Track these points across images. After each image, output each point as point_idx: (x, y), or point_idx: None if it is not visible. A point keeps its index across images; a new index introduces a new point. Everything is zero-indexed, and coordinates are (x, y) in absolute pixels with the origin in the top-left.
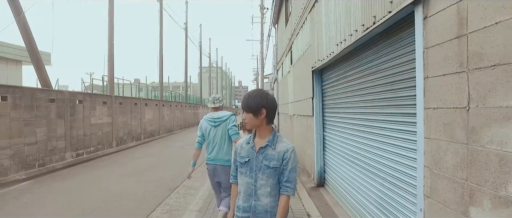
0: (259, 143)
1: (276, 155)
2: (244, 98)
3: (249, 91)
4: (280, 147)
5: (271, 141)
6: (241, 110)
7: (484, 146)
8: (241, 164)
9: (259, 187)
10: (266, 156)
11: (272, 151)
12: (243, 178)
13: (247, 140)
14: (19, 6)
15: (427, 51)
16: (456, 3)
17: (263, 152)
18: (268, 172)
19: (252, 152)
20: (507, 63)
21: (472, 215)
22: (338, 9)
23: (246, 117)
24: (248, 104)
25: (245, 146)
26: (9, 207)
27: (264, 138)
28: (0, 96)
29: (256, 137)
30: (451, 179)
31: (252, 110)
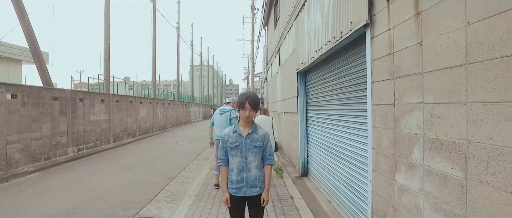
0: (244, 131)
1: (259, 138)
2: (250, 99)
3: (248, 93)
4: (260, 132)
5: (255, 128)
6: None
7: (402, 130)
8: (231, 148)
9: (249, 162)
10: (253, 139)
11: (256, 135)
12: (234, 158)
13: (232, 130)
14: (23, 9)
15: (373, 62)
16: (387, 30)
17: (250, 137)
18: (256, 151)
19: (240, 138)
20: (411, 74)
21: (396, 178)
22: (317, 21)
23: (250, 113)
24: (256, 104)
25: (232, 135)
26: (28, 194)
27: (248, 127)
28: (11, 95)
29: (240, 127)
30: (386, 155)
31: (257, 107)
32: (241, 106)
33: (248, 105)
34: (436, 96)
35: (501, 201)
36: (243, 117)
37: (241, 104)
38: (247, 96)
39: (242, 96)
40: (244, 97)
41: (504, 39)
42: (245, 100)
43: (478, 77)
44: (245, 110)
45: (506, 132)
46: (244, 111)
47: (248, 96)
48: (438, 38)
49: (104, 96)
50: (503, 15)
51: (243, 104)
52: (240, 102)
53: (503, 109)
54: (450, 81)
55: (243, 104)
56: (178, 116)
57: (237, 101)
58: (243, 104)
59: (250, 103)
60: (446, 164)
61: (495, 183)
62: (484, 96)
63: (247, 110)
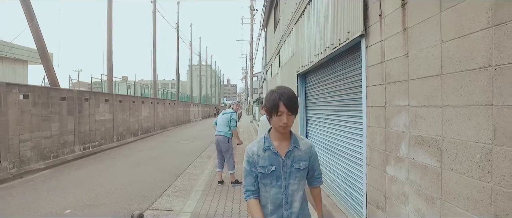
0: (281, 147)
1: (303, 155)
2: (285, 98)
3: (281, 89)
4: (303, 144)
5: (296, 142)
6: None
7: (392, 128)
8: (264, 175)
9: (291, 193)
10: (295, 159)
11: (298, 152)
12: (268, 189)
13: (263, 146)
14: (32, 11)
15: (367, 69)
16: (379, 41)
17: (291, 155)
18: (300, 175)
19: (276, 158)
20: (399, 81)
21: (387, 170)
22: (316, 28)
23: (289, 120)
24: (295, 104)
25: (263, 154)
26: (44, 189)
27: (285, 140)
28: (23, 95)
29: (274, 140)
30: (379, 151)
31: (296, 109)
32: (273, 110)
33: (283, 107)
34: (419, 100)
35: (464, 184)
36: (278, 127)
37: (273, 107)
38: (280, 95)
39: (273, 94)
40: (276, 96)
41: (467, 56)
42: (277, 100)
43: (450, 86)
44: (279, 115)
45: (468, 130)
46: (278, 117)
47: (281, 95)
48: (420, 51)
49: (108, 97)
50: (466, 37)
51: (275, 107)
52: (272, 104)
53: (467, 111)
54: (429, 88)
55: (276, 107)
56: (178, 116)
57: (265, 103)
58: (276, 106)
59: (287, 104)
60: (426, 157)
61: (461, 170)
62: (454, 101)
63: (284, 114)
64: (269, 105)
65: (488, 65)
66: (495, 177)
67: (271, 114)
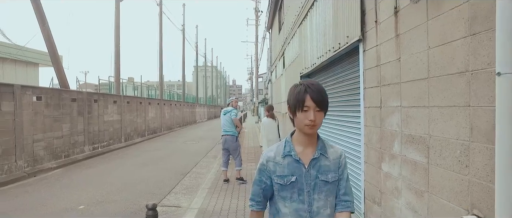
0: (305, 154)
1: (331, 165)
2: (313, 90)
3: (308, 81)
4: (332, 153)
5: (323, 148)
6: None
7: (386, 128)
8: (282, 186)
9: (316, 211)
10: (321, 169)
11: (325, 160)
12: (288, 204)
13: (282, 152)
14: (44, 16)
15: (365, 72)
16: (375, 46)
17: (316, 164)
18: (327, 189)
19: (298, 167)
20: (393, 83)
21: (382, 167)
22: (318, 31)
23: (317, 117)
24: (324, 99)
25: (281, 161)
26: (58, 187)
27: (311, 145)
28: (36, 97)
29: (296, 145)
30: (375, 149)
31: (326, 108)
32: (298, 105)
33: (310, 101)
34: (409, 101)
35: (447, 177)
36: (303, 126)
37: (297, 101)
38: (307, 86)
39: (297, 87)
40: (302, 88)
41: (449, 62)
42: (303, 92)
43: (435, 88)
44: (305, 111)
45: (450, 128)
46: (304, 114)
47: (308, 86)
48: (410, 56)
49: (116, 98)
50: (448, 45)
51: (300, 101)
52: (296, 98)
53: (449, 111)
54: (418, 90)
55: (301, 101)
56: (184, 116)
57: (288, 98)
58: (301, 100)
59: (315, 98)
60: (416, 153)
61: (445, 165)
62: (439, 102)
63: (310, 110)
64: (293, 99)
65: (466, 70)
66: (471, 170)
67: (295, 110)
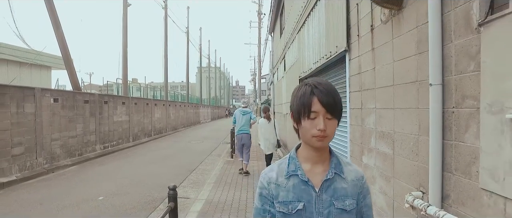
0: (315, 173)
1: (348, 188)
2: (321, 90)
3: (314, 80)
4: (349, 173)
5: (338, 166)
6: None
7: (365, 126)
8: (285, 215)
9: None
10: (336, 193)
11: (342, 182)
12: None
13: (286, 170)
14: (58, 21)
15: (350, 78)
16: (357, 56)
17: (330, 187)
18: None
19: (307, 190)
20: (370, 89)
21: (363, 159)
22: (314, 38)
23: (328, 125)
24: (337, 103)
25: (285, 183)
26: (75, 181)
27: (321, 163)
28: (53, 99)
29: (304, 162)
30: (357, 144)
31: (339, 114)
32: (303, 110)
33: (318, 105)
34: (381, 104)
35: (405, 164)
36: (310, 137)
37: (302, 105)
38: (314, 87)
39: (302, 88)
40: (307, 89)
41: (406, 73)
42: (309, 94)
43: (397, 94)
44: (312, 119)
45: (407, 125)
46: (310, 122)
47: (315, 87)
48: (382, 67)
49: (124, 99)
50: (406, 59)
51: (306, 105)
52: (300, 101)
53: (406, 112)
54: (387, 95)
55: (307, 105)
56: (188, 117)
57: (291, 102)
58: (307, 104)
59: (324, 101)
60: (386, 147)
61: (404, 155)
62: (400, 105)
63: (319, 116)
64: (296, 104)
65: (416, 80)
66: (419, 157)
67: (300, 117)
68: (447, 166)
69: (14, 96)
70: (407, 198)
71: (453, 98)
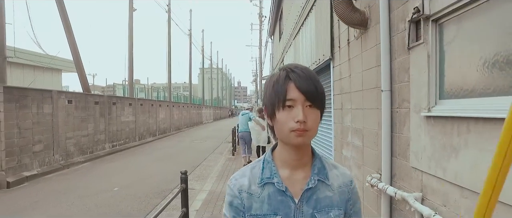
0: (294, 180)
1: (334, 196)
2: (297, 74)
3: (290, 64)
4: (336, 178)
5: (322, 171)
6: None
7: (344, 124)
8: None
9: None
10: (319, 204)
11: (326, 190)
12: None
13: (259, 177)
14: (70, 27)
15: (334, 82)
16: (339, 64)
17: (312, 197)
18: None
19: (284, 201)
20: (347, 92)
21: (342, 152)
22: (307, 45)
23: (309, 116)
24: (318, 89)
25: (259, 193)
26: (90, 176)
27: (301, 167)
28: (67, 100)
29: (281, 167)
30: (339, 139)
31: (322, 103)
32: (277, 100)
33: (296, 92)
34: (355, 105)
35: (370, 153)
36: (288, 132)
37: (276, 95)
38: (290, 71)
39: (275, 75)
40: (282, 75)
41: (371, 80)
42: (283, 80)
43: (365, 97)
44: (289, 108)
45: (372, 123)
46: (286, 113)
47: (292, 71)
48: (355, 74)
49: (131, 101)
50: (370, 70)
51: (280, 92)
52: (273, 90)
53: (371, 112)
54: (358, 97)
55: (282, 92)
56: (191, 117)
57: (263, 96)
58: (281, 91)
59: (302, 87)
60: (358, 140)
61: (370, 146)
62: (367, 106)
63: (297, 104)
64: (269, 94)
65: (376, 86)
66: (379, 147)
67: (273, 109)
68: (394, 152)
69: (35, 98)
70: (367, 179)
71: (397, 101)
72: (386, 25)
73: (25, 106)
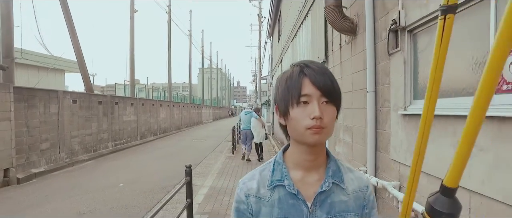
0: (306, 182)
1: (350, 201)
2: (312, 69)
3: (303, 61)
4: (351, 182)
5: (337, 173)
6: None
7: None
8: None
9: None
10: (334, 209)
11: (341, 194)
12: None
13: (269, 179)
14: (74, 30)
15: None
16: (332, 67)
17: (325, 201)
18: None
19: (296, 205)
20: None
21: (335, 148)
22: (304, 46)
23: (325, 113)
24: (334, 84)
25: (269, 196)
26: (96, 172)
27: (315, 169)
28: (72, 100)
29: (293, 169)
30: (332, 136)
31: (338, 99)
32: (291, 97)
33: (311, 87)
34: (346, 104)
35: (359, 148)
36: (304, 130)
37: (289, 91)
38: (305, 66)
39: (289, 71)
40: (296, 70)
41: (359, 82)
42: (297, 76)
43: (355, 97)
44: (304, 104)
45: (360, 120)
46: (301, 110)
47: (306, 66)
48: (347, 76)
49: (133, 101)
50: (357, 73)
51: (295, 90)
52: (286, 87)
53: (359, 111)
54: (349, 97)
55: (297, 90)
56: (191, 117)
57: (275, 90)
58: (297, 89)
59: (318, 82)
60: (348, 137)
61: (358, 142)
62: (357, 105)
63: (313, 100)
64: (282, 91)
65: (363, 88)
66: (365, 143)
67: (287, 107)
68: (378, 147)
69: (42, 98)
70: None
71: (380, 101)
72: (371, 33)
73: (33, 106)
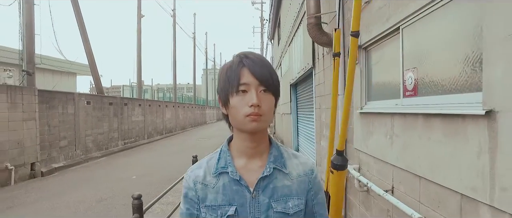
0: (250, 169)
1: (293, 185)
2: (250, 60)
3: (245, 52)
4: (294, 167)
5: (279, 159)
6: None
7: (322, 120)
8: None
9: None
10: (276, 193)
11: (284, 178)
12: None
13: (214, 167)
14: (86, 35)
15: (315, 87)
16: (318, 72)
17: (268, 186)
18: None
19: (239, 191)
20: (323, 95)
21: (321, 143)
22: (298, 53)
23: (264, 101)
24: (272, 75)
25: (214, 182)
26: (109, 167)
27: (258, 155)
28: (86, 101)
29: (237, 157)
30: (318, 133)
31: (276, 89)
32: (231, 86)
33: (249, 76)
34: (327, 105)
35: None
36: (243, 117)
37: (229, 81)
38: (244, 57)
39: (231, 61)
40: (235, 60)
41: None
42: (236, 66)
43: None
44: (243, 93)
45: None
46: (241, 97)
47: (246, 57)
48: (328, 82)
49: (140, 102)
50: None
51: (234, 78)
52: (226, 76)
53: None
54: (328, 100)
55: (235, 79)
56: (196, 118)
57: (218, 81)
58: (235, 79)
59: (256, 71)
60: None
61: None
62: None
63: (251, 89)
64: (223, 80)
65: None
66: None
67: (227, 96)
68: (348, 140)
69: (60, 100)
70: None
71: None
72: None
73: (53, 107)
